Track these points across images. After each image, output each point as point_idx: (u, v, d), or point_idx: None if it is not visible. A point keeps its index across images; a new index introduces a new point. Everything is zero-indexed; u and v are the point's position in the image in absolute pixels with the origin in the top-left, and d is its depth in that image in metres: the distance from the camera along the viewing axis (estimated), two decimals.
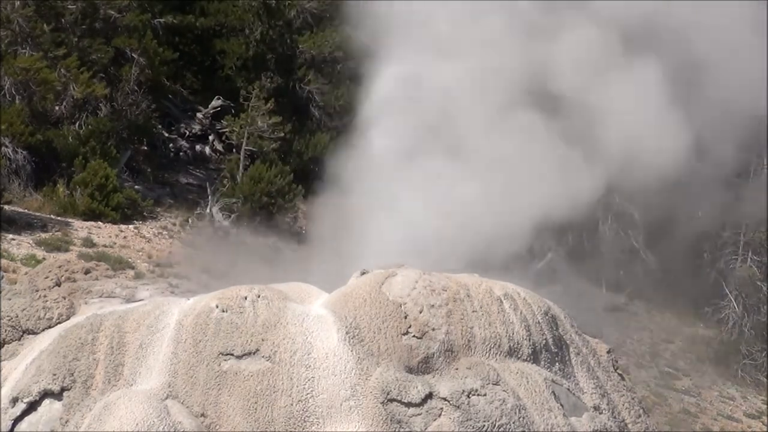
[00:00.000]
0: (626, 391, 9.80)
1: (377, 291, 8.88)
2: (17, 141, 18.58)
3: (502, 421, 8.48)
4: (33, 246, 16.28)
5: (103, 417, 8.26)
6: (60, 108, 19.82)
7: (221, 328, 8.59)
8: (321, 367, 8.44)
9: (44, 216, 17.89)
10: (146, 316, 8.85)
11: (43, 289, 9.45)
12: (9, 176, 18.46)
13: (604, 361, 9.89)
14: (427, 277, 9.09)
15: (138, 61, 21.28)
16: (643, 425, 9.65)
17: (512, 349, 8.96)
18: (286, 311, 8.72)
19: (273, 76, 23.25)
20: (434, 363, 8.67)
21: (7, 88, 18.99)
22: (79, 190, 18.58)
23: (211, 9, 23.99)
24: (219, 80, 23.82)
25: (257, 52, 23.57)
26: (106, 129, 20.17)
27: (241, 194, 20.26)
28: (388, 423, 8.27)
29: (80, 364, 8.62)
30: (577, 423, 8.89)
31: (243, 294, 8.79)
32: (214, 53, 23.89)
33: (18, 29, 19.66)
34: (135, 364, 8.61)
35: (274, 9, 23.75)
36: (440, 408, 8.44)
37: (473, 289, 9.15)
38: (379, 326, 8.68)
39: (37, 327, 9.18)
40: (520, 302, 9.24)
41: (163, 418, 8.22)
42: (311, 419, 8.28)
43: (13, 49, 19.65)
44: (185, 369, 8.49)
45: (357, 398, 8.36)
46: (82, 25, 20.89)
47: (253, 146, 21.19)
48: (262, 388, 8.35)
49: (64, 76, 19.37)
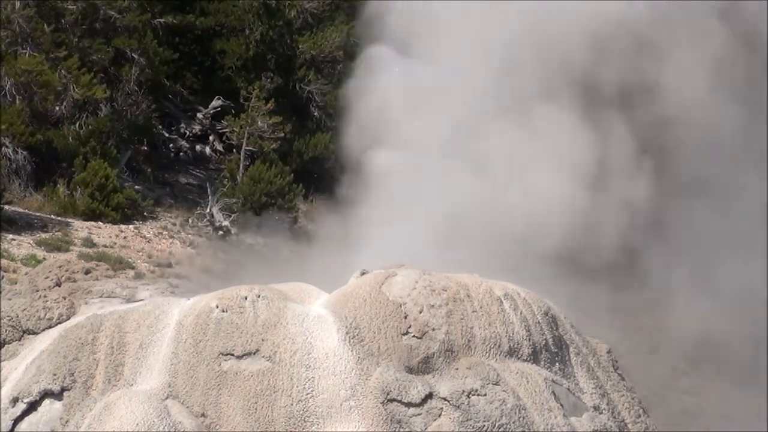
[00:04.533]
0: (626, 391, 9.81)
1: (377, 291, 8.89)
2: (17, 141, 18.58)
3: (502, 421, 8.49)
4: (33, 246, 16.28)
5: (104, 417, 8.26)
6: (60, 108, 19.81)
7: (221, 328, 8.59)
8: (321, 367, 8.45)
9: (44, 216, 17.89)
10: (146, 316, 8.85)
11: (43, 289, 9.45)
12: (9, 176, 18.45)
13: (604, 361, 9.90)
14: (427, 277, 9.09)
15: (138, 62, 21.27)
16: (643, 425, 9.66)
17: (512, 349, 8.97)
18: (286, 311, 8.72)
19: (273, 76, 23.25)
20: (434, 363, 8.68)
21: (8, 89, 18.98)
22: (79, 190, 18.57)
23: (211, 9, 23.97)
24: (219, 80, 23.81)
25: (257, 52, 23.56)
26: (107, 129, 20.17)
27: (241, 194, 20.26)
28: (388, 423, 8.28)
29: (80, 364, 8.63)
30: (577, 423, 8.90)
31: (243, 294, 8.80)
32: (214, 53, 23.88)
33: (18, 30, 19.66)
34: (135, 364, 8.61)
35: (274, 9, 23.75)
36: (440, 408, 8.44)
37: (473, 289, 9.15)
38: (379, 326, 8.69)
39: (37, 327, 9.19)
40: (520, 302, 9.25)
41: (163, 418, 8.23)
42: (311, 419, 8.29)
43: (13, 50, 19.65)
44: (185, 369, 8.50)
45: (357, 398, 8.37)
46: (82, 25, 20.88)
47: (253, 146, 21.18)
48: (262, 388, 8.35)
49: (65, 78, 19.37)
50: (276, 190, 20.43)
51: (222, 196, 20.22)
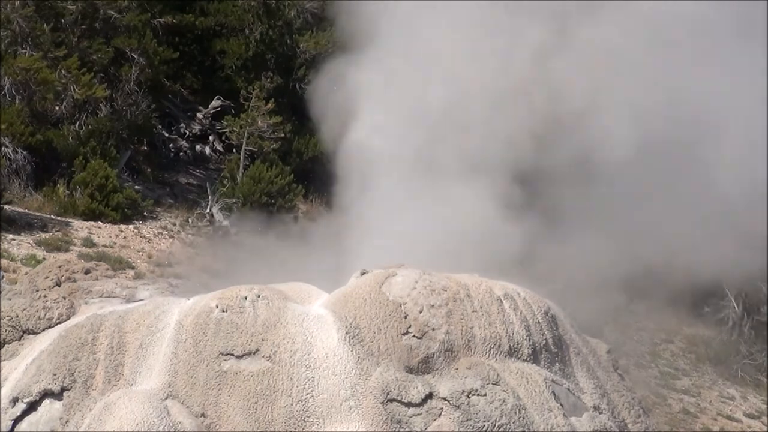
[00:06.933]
0: (626, 391, 9.81)
1: (377, 291, 8.89)
2: (17, 141, 18.57)
3: (502, 421, 8.49)
4: (33, 246, 16.28)
5: (103, 417, 8.26)
6: (60, 108, 19.82)
7: (221, 328, 8.59)
8: (321, 367, 8.45)
9: (44, 216, 17.89)
10: (146, 316, 8.85)
11: (43, 289, 9.45)
12: (9, 176, 18.45)
13: (604, 361, 9.90)
14: (427, 277, 9.09)
15: (138, 61, 21.27)
16: (643, 425, 9.65)
17: (512, 349, 8.97)
18: (286, 311, 8.72)
19: (273, 76, 23.24)
20: (434, 363, 8.67)
21: (7, 89, 18.98)
22: (79, 190, 18.57)
23: (211, 9, 23.97)
24: (219, 80, 23.82)
25: (257, 52, 23.56)
26: (106, 129, 20.17)
27: (241, 194, 20.25)
28: (388, 423, 8.28)
29: (80, 364, 8.62)
30: (577, 423, 8.90)
31: (243, 294, 8.80)
32: (214, 53, 23.89)
33: (18, 29, 19.66)
34: (135, 364, 8.61)
35: (274, 9, 23.75)
36: (440, 408, 8.44)
37: (473, 289, 9.15)
38: (379, 326, 8.69)
39: (37, 327, 9.19)
40: (520, 302, 9.25)
41: (163, 418, 8.23)
42: (311, 419, 8.29)
43: (13, 49, 19.65)
44: (185, 369, 8.50)
45: (357, 398, 8.37)
46: (82, 25, 20.88)
47: (253, 146, 21.18)
48: (262, 388, 8.35)
49: (65, 77, 19.37)
50: (276, 190, 20.43)
51: (222, 196, 20.22)
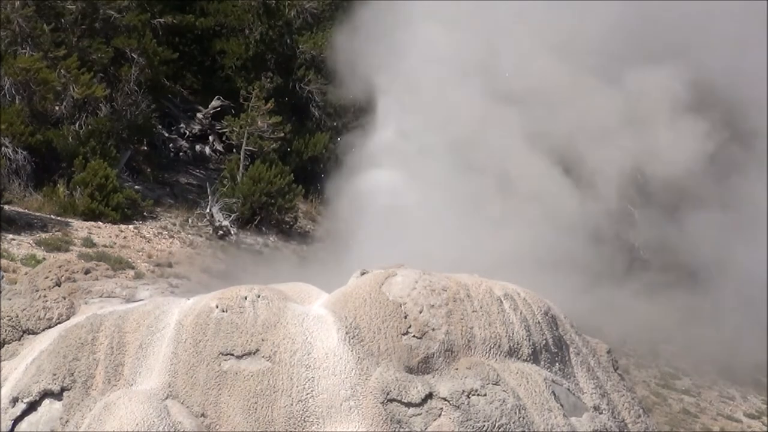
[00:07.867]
0: (626, 391, 9.80)
1: (377, 291, 8.89)
2: (17, 141, 18.59)
3: (502, 421, 8.48)
4: (33, 246, 16.28)
5: (103, 417, 8.26)
6: (60, 108, 19.83)
7: (221, 328, 8.59)
8: (321, 367, 8.44)
9: (44, 216, 17.89)
10: (146, 316, 8.85)
11: (43, 289, 9.45)
12: (9, 176, 18.47)
13: (604, 361, 9.90)
14: (427, 277, 9.09)
15: (138, 61, 21.29)
16: (643, 425, 9.65)
17: (512, 349, 8.97)
18: (286, 311, 8.72)
19: (273, 76, 23.26)
20: (434, 363, 8.67)
21: (7, 88, 18.99)
22: (79, 190, 18.58)
23: (211, 9, 24.00)
24: (219, 80, 23.84)
25: (257, 52, 23.58)
26: (106, 129, 20.18)
27: (241, 194, 20.27)
28: (388, 423, 8.27)
29: (80, 364, 8.62)
30: (577, 423, 8.90)
31: (243, 294, 8.79)
32: (214, 53, 23.91)
33: (18, 29, 19.66)
34: (135, 364, 8.61)
35: (274, 9, 23.77)
36: (440, 408, 8.44)
37: (473, 289, 9.15)
38: (379, 326, 8.68)
39: (37, 327, 9.18)
40: (520, 302, 9.24)
41: (163, 418, 8.22)
42: (311, 419, 8.28)
43: (13, 49, 19.66)
44: (185, 369, 8.49)
45: (357, 398, 8.36)
46: (81, 25, 20.90)
47: (253, 146, 21.19)
48: (262, 388, 8.35)
49: (65, 77, 19.37)
50: (276, 190, 20.45)
51: (222, 196, 20.23)
